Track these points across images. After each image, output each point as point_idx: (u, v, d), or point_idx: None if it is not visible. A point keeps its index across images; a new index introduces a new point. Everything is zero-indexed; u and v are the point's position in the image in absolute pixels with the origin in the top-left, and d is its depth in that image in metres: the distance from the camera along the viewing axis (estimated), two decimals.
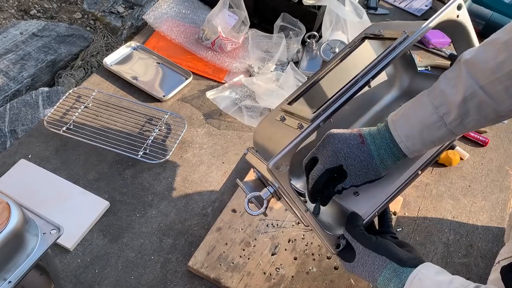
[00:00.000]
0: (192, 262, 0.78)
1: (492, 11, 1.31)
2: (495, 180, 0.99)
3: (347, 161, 0.63)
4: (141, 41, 1.21)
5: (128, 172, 0.93)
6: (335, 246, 0.63)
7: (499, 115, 0.58)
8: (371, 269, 0.60)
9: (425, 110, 0.61)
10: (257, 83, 1.06)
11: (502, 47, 0.55)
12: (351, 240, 0.62)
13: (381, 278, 0.58)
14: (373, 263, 0.59)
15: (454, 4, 0.64)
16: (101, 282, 0.77)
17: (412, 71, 0.82)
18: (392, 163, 0.64)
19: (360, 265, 0.61)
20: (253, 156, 0.70)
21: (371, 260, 0.60)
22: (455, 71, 0.60)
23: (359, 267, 0.61)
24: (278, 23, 1.19)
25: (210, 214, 0.88)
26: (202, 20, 1.24)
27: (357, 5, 1.17)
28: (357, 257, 0.61)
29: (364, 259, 0.60)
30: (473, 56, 0.58)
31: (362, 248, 0.61)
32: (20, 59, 1.52)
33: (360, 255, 0.61)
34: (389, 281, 0.57)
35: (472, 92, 0.57)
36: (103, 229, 0.84)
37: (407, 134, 0.62)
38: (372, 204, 0.67)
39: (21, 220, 0.54)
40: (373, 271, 0.59)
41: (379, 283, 0.59)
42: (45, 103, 1.33)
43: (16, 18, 1.87)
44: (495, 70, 0.55)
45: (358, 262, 0.61)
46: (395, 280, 0.57)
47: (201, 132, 1.02)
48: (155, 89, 1.08)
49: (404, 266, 0.57)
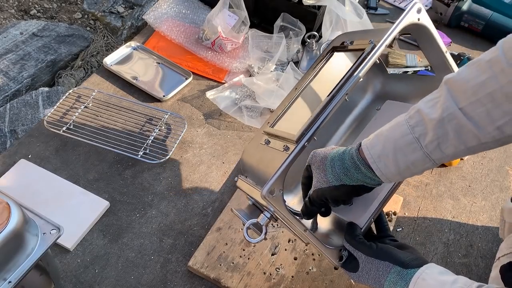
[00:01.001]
0: (192, 262, 0.78)
1: (492, 11, 1.31)
2: (495, 180, 0.99)
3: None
4: (141, 41, 1.21)
5: (128, 172, 0.93)
6: (338, 259, 0.64)
7: (480, 143, 0.52)
8: (376, 276, 0.60)
9: (400, 130, 0.56)
10: (257, 83, 1.06)
11: (485, 66, 0.51)
12: (352, 250, 0.63)
13: (387, 283, 0.58)
14: (377, 269, 0.60)
15: (413, 9, 0.68)
16: (101, 282, 0.77)
17: (383, 74, 0.84)
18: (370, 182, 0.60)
19: (365, 274, 0.61)
20: (244, 183, 0.70)
21: (375, 267, 0.60)
22: (436, 92, 0.55)
23: (365, 276, 0.61)
24: (278, 23, 1.19)
25: (210, 214, 0.88)
26: (202, 20, 1.24)
27: (357, 5, 1.17)
28: (361, 266, 0.61)
29: (368, 267, 0.61)
30: (455, 75, 0.54)
31: (364, 257, 0.61)
32: (20, 59, 1.52)
33: (364, 263, 0.61)
34: (395, 285, 0.58)
35: (451, 113, 0.52)
36: (103, 229, 0.84)
37: (380, 154, 0.57)
38: (366, 211, 0.68)
39: (21, 220, 0.54)
40: (379, 278, 0.59)
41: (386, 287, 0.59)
42: (45, 103, 1.33)
43: (16, 18, 1.87)
44: (476, 90, 0.50)
45: (362, 271, 0.61)
46: (400, 283, 0.57)
47: (201, 132, 1.02)
48: (155, 89, 1.08)
49: (408, 268, 0.57)
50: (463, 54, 1.19)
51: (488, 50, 0.53)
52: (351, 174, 0.59)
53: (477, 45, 1.33)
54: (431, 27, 0.72)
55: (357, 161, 0.58)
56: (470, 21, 1.33)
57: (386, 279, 0.58)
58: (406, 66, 1.22)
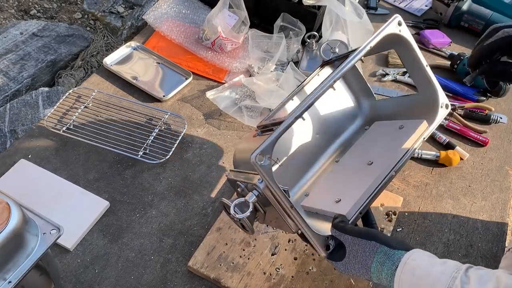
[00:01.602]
0: (192, 262, 0.78)
1: (492, 11, 1.31)
2: (495, 180, 0.99)
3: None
4: (141, 41, 1.21)
5: (128, 172, 0.93)
6: (325, 247, 0.63)
7: None
8: (363, 258, 0.59)
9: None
10: (257, 83, 1.06)
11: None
12: (339, 235, 0.62)
13: (374, 264, 0.58)
14: (364, 250, 0.59)
15: (394, 22, 0.71)
16: (101, 282, 0.77)
17: (370, 100, 0.89)
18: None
19: (352, 258, 0.60)
20: (234, 173, 0.72)
21: (362, 249, 0.59)
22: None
23: (351, 261, 0.60)
24: (278, 23, 1.19)
25: (210, 214, 0.88)
26: (202, 20, 1.24)
27: (357, 5, 1.17)
28: (348, 250, 0.61)
29: (354, 249, 0.60)
30: None
31: (350, 239, 0.61)
32: (20, 59, 1.52)
33: (350, 246, 0.61)
34: (382, 266, 0.57)
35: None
36: (103, 229, 0.84)
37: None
38: (354, 205, 0.68)
39: (21, 220, 0.54)
40: (365, 259, 0.59)
41: (373, 272, 0.58)
42: (45, 103, 1.33)
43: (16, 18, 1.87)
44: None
45: (349, 255, 0.61)
46: (387, 263, 0.57)
47: (201, 132, 1.02)
48: (155, 89, 1.08)
49: (395, 249, 0.57)
50: (463, 54, 1.19)
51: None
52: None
53: None
54: (412, 40, 0.75)
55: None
56: (470, 21, 1.33)
57: (373, 260, 0.58)
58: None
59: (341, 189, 0.75)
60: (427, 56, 1.27)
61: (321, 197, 0.76)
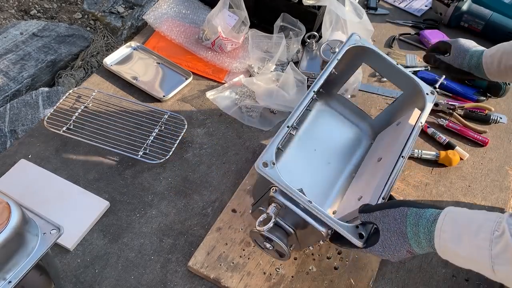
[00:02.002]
0: (192, 262, 0.78)
1: (492, 11, 1.31)
2: (495, 180, 0.99)
3: None
4: (141, 41, 1.21)
5: (128, 172, 0.93)
6: (358, 235, 0.63)
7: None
8: (396, 227, 0.58)
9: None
10: (257, 83, 1.06)
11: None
12: (367, 216, 0.62)
13: (408, 228, 0.57)
14: (395, 219, 0.59)
15: (353, 37, 0.84)
16: (101, 282, 0.77)
17: (368, 120, 0.96)
18: None
19: (386, 232, 0.59)
20: (254, 207, 0.75)
21: (392, 218, 0.59)
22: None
23: (387, 236, 0.59)
24: (278, 23, 1.19)
25: (210, 214, 0.88)
26: (202, 20, 1.24)
27: (357, 5, 1.17)
28: (380, 227, 0.60)
29: (386, 222, 0.59)
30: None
31: (379, 214, 0.60)
32: (20, 59, 1.52)
33: (381, 221, 0.60)
34: (417, 226, 0.57)
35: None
36: (103, 229, 0.84)
37: (492, 53, 0.92)
38: (374, 193, 0.69)
39: (21, 220, 0.54)
40: (399, 227, 0.58)
41: (410, 237, 0.58)
42: (45, 103, 1.34)
43: (16, 18, 1.87)
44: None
45: (383, 231, 0.60)
46: (422, 222, 0.56)
47: (201, 132, 1.02)
48: (155, 89, 1.08)
49: (424, 208, 0.57)
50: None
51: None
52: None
53: None
54: (375, 48, 0.85)
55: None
56: (470, 21, 1.33)
57: (407, 225, 0.57)
58: (406, 66, 1.22)
59: (360, 189, 0.77)
60: None
61: (346, 204, 0.78)
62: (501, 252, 0.50)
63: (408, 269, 0.83)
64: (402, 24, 1.38)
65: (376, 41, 1.30)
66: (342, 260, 0.80)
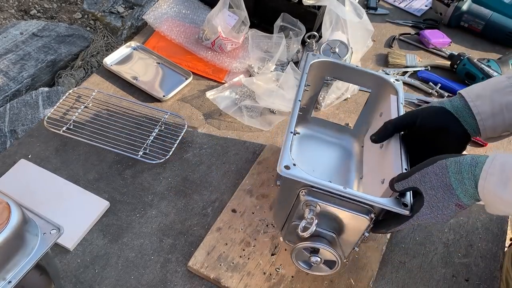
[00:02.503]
0: (192, 262, 0.78)
1: (492, 11, 1.31)
2: None
3: None
4: (141, 41, 1.21)
5: (128, 172, 0.93)
6: (402, 205, 0.62)
7: None
8: (439, 182, 0.57)
9: (498, 79, 0.66)
10: (257, 83, 1.06)
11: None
12: (405, 183, 0.60)
13: (452, 179, 0.56)
14: (436, 174, 0.57)
15: (310, 55, 0.85)
16: (101, 282, 0.77)
17: (347, 132, 0.97)
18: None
19: (430, 191, 0.57)
20: (285, 232, 0.75)
21: (433, 175, 0.57)
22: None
23: (432, 195, 0.58)
24: (278, 23, 1.19)
25: (210, 214, 0.88)
26: (202, 20, 1.24)
27: (357, 5, 1.17)
28: (423, 188, 0.58)
29: (427, 181, 0.58)
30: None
31: (418, 176, 0.58)
32: (20, 59, 1.53)
33: (422, 182, 0.58)
34: (460, 174, 0.55)
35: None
36: (103, 229, 0.84)
37: (478, 93, 0.65)
38: (395, 168, 0.69)
39: (21, 220, 0.54)
40: (442, 181, 0.56)
41: (456, 187, 0.56)
42: (45, 103, 1.34)
43: (16, 18, 1.87)
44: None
45: (426, 192, 0.58)
46: (464, 168, 0.55)
47: (201, 132, 1.02)
48: (155, 89, 1.08)
49: (462, 156, 0.55)
50: (463, 54, 1.19)
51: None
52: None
53: (477, 45, 1.33)
54: (331, 59, 0.87)
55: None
56: (470, 21, 1.33)
57: (449, 175, 0.56)
58: (406, 66, 1.22)
59: (377, 177, 0.76)
60: (427, 56, 1.27)
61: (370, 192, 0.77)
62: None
63: (408, 269, 0.83)
64: (402, 24, 1.38)
65: (376, 41, 1.30)
66: None
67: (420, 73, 1.19)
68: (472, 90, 0.67)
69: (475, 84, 0.69)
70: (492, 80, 0.67)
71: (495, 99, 0.64)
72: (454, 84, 1.16)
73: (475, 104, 0.65)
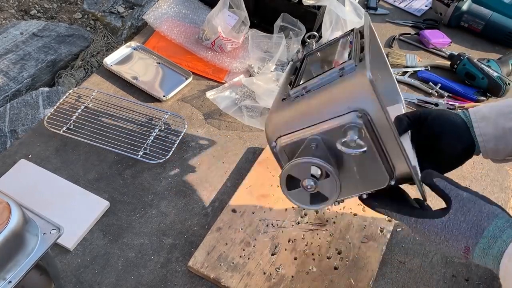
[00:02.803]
0: (192, 262, 0.78)
1: (492, 11, 1.31)
2: (495, 180, 0.99)
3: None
4: (141, 41, 1.21)
5: (128, 172, 0.93)
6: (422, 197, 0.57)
7: None
8: (476, 218, 0.52)
9: (506, 102, 0.67)
10: (257, 83, 1.06)
11: None
12: (449, 188, 0.55)
13: (491, 227, 0.51)
14: (481, 210, 0.52)
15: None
16: (101, 282, 0.77)
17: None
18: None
19: (460, 216, 0.53)
20: (288, 137, 0.61)
21: (478, 208, 0.53)
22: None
23: (458, 219, 0.52)
24: (278, 23, 1.19)
25: (210, 214, 0.88)
26: (202, 20, 1.24)
27: (357, 5, 1.17)
28: (456, 207, 0.53)
29: (467, 207, 0.53)
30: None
31: (466, 196, 0.54)
32: (20, 59, 1.53)
33: (462, 203, 0.53)
34: (501, 232, 0.51)
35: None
36: (103, 229, 0.84)
37: (484, 115, 0.66)
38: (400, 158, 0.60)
39: (21, 220, 0.54)
40: (480, 220, 0.52)
41: (485, 236, 0.51)
42: (45, 103, 1.34)
43: (16, 18, 1.87)
44: None
45: (456, 212, 0.53)
46: (509, 231, 0.51)
47: (201, 132, 1.02)
48: (155, 89, 1.08)
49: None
50: (463, 54, 1.19)
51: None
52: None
53: (477, 45, 1.33)
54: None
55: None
56: (470, 21, 1.33)
57: (491, 223, 0.51)
58: (406, 66, 1.22)
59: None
60: (427, 56, 1.27)
61: None
62: None
63: (408, 269, 0.83)
64: (402, 24, 1.38)
65: None
66: (342, 260, 0.80)
67: (420, 73, 1.19)
68: (480, 110, 0.67)
69: (485, 105, 0.70)
70: (501, 103, 0.68)
71: (498, 123, 0.65)
72: (454, 84, 1.16)
73: (479, 125, 0.66)
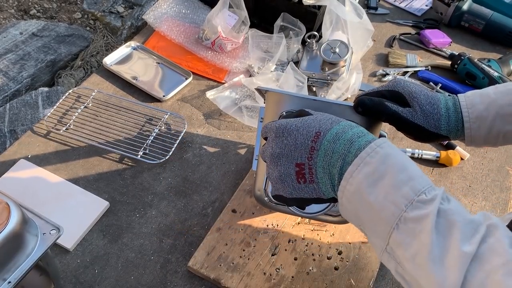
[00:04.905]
0: (192, 263, 0.78)
1: (493, 11, 1.31)
2: (496, 180, 0.99)
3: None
4: (141, 41, 1.20)
5: (128, 172, 0.92)
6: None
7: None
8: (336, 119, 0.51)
9: (508, 96, 0.58)
10: (257, 83, 1.06)
11: None
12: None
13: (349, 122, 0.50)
14: (351, 125, 0.50)
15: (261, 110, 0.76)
16: (101, 282, 0.77)
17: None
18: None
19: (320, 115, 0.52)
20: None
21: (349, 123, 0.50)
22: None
23: (317, 116, 0.52)
24: (278, 23, 1.19)
25: (210, 214, 0.88)
26: (202, 20, 1.24)
27: (357, 5, 1.17)
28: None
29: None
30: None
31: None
32: (20, 59, 1.52)
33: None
34: (335, 144, 0.48)
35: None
36: (103, 229, 0.84)
37: (479, 115, 0.57)
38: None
39: (21, 220, 0.53)
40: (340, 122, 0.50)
41: (342, 123, 0.50)
42: (44, 103, 1.34)
43: (16, 18, 1.87)
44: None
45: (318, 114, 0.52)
46: (343, 139, 0.48)
47: (201, 132, 1.02)
48: (155, 89, 1.08)
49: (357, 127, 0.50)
50: (463, 54, 1.19)
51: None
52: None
53: (477, 45, 1.33)
54: (283, 92, 0.76)
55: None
56: (470, 21, 1.33)
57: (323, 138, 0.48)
58: (406, 66, 1.22)
59: None
60: (428, 56, 1.27)
61: None
62: (413, 220, 0.42)
63: None
64: (402, 24, 1.37)
65: (377, 41, 1.30)
66: (342, 260, 0.80)
67: (421, 73, 1.19)
68: (475, 106, 0.59)
69: (481, 93, 0.61)
70: (503, 91, 0.60)
71: (494, 126, 0.58)
72: (455, 84, 1.16)
73: (471, 127, 0.59)
